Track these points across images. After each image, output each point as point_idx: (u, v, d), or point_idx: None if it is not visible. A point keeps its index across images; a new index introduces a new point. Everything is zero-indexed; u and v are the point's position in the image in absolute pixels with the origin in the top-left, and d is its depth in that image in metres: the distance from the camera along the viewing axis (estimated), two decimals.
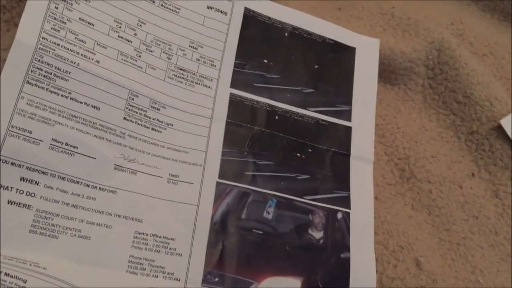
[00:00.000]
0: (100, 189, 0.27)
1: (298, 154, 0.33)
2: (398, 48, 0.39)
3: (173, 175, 0.29)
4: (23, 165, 0.26)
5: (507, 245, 0.34)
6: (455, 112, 0.38)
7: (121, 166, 0.28)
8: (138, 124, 0.30)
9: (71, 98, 0.28)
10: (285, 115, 0.34)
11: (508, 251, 0.34)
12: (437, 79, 0.39)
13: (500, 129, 0.37)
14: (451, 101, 0.38)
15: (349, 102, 0.35)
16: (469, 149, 0.37)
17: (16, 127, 0.26)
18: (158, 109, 0.31)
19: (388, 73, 0.38)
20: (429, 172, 0.35)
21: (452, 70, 0.39)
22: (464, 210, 0.35)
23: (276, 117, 0.33)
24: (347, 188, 0.33)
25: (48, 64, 0.28)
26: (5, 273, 0.23)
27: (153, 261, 0.27)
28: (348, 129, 0.35)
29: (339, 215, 0.32)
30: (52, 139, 0.27)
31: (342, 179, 0.33)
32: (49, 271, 0.24)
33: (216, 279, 0.28)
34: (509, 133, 0.36)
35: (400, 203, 0.34)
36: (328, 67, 0.36)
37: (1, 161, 0.25)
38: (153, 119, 0.30)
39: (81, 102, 0.28)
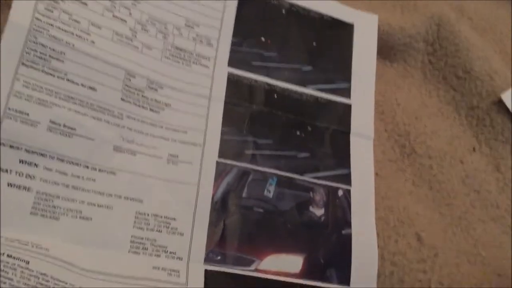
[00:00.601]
0: (99, 170, 0.27)
1: (298, 133, 0.33)
2: (397, 23, 0.38)
3: (173, 155, 0.29)
4: (21, 148, 0.26)
5: (508, 218, 0.34)
6: (455, 88, 0.38)
7: (120, 147, 0.28)
8: (135, 104, 0.29)
9: (67, 80, 0.28)
10: (283, 94, 0.33)
11: (510, 224, 0.34)
12: (437, 55, 0.39)
13: (500, 103, 0.36)
14: (451, 76, 0.38)
15: (348, 79, 0.35)
16: (469, 124, 0.37)
17: (13, 109, 0.26)
18: (156, 90, 0.30)
19: (387, 49, 0.38)
20: (429, 147, 0.35)
21: (452, 46, 0.38)
22: (465, 184, 0.35)
23: (275, 96, 0.33)
24: (347, 165, 0.33)
25: (42, 45, 0.28)
26: (8, 255, 0.23)
27: (155, 240, 0.27)
28: (348, 106, 0.34)
29: (340, 192, 0.32)
30: (50, 121, 0.27)
31: (342, 157, 0.33)
32: (51, 252, 0.24)
33: (218, 257, 0.28)
34: (509, 107, 0.36)
35: (401, 179, 0.34)
36: (326, 44, 0.36)
37: (0, 144, 0.25)
38: (150, 99, 0.30)
39: (78, 84, 0.28)
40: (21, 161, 0.25)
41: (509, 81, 0.37)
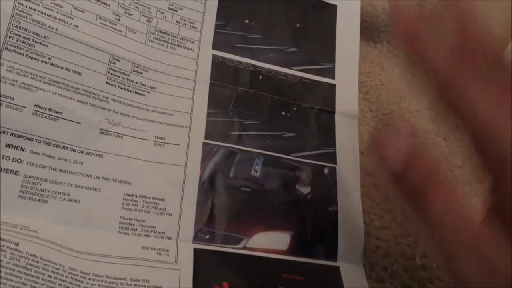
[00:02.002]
0: (86, 153, 0.27)
1: (283, 113, 0.33)
2: (380, 4, 0.39)
3: (159, 138, 0.29)
4: (7, 132, 0.26)
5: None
6: None
7: (106, 130, 0.28)
8: (121, 88, 0.30)
9: (52, 64, 0.28)
10: (268, 75, 0.34)
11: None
12: None
13: None
14: None
15: (332, 60, 0.36)
16: None
17: None
18: (141, 73, 0.30)
19: (371, 31, 0.38)
20: (413, 126, 0.36)
21: None
22: (449, 161, 0.36)
23: (260, 77, 0.33)
24: (333, 144, 0.33)
25: (26, 30, 0.28)
26: None
27: (144, 221, 0.27)
28: (332, 87, 0.35)
29: (326, 171, 0.32)
30: (35, 105, 0.27)
31: (327, 136, 0.33)
32: (40, 234, 0.25)
33: (207, 236, 0.28)
34: None
35: None
36: (309, 25, 0.36)
37: None
38: (136, 82, 0.30)
39: (62, 68, 0.28)
40: (7, 145, 0.26)
41: None
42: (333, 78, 0.35)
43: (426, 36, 0.20)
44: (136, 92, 0.30)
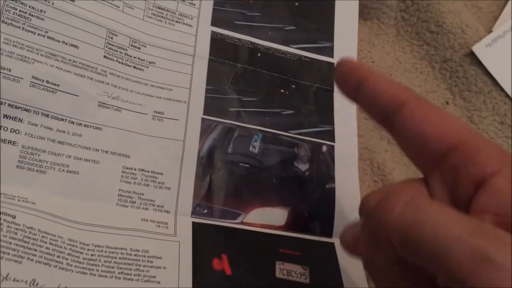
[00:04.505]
0: (85, 125, 0.27)
1: (282, 90, 0.33)
2: None
3: (158, 112, 0.29)
4: (5, 103, 0.26)
5: None
6: (428, 42, 0.38)
7: (105, 103, 0.28)
8: (119, 62, 0.29)
9: (48, 37, 0.28)
10: (267, 53, 0.34)
11: None
12: (409, 11, 0.39)
13: (472, 55, 0.37)
14: (424, 31, 0.38)
15: (331, 39, 0.36)
16: (443, 78, 0.38)
17: None
18: (139, 48, 0.30)
19: (361, 8, 0.38)
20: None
21: (423, 0, 0.39)
22: None
23: (259, 54, 0.33)
24: (331, 122, 0.33)
25: (22, 3, 0.27)
26: None
27: (143, 194, 0.27)
28: (331, 65, 0.35)
29: (324, 148, 0.32)
30: (32, 76, 0.27)
31: (326, 114, 0.33)
32: (38, 206, 0.24)
33: (205, 211, 0.28)
34: (481, 59, 0.37)
35: (377, 137, 0.35)
36: (309, 4, 0.36)
37: None
38: (134, 57, 0.30)
39: (59, 41, 0.28)
40: (5, 116, 0.25)
41: (480, 34, 0.38)
42: (332, 56, 0.35)
43: None
44: (134, 67, 0.30)
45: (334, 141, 0.33)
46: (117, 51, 0.30)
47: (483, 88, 0.37)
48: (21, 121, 0.26)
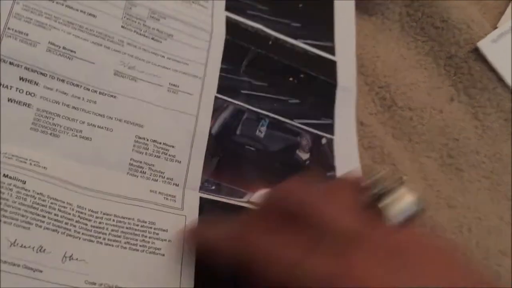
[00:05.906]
0: (100, 93, 0.27)
1: (291, 79, 0.33)
2: None
3: (173, 85, 0.29)
4: (21, 65, 0.26)
5: (488, 163, 0.35)
6: (433, 38, 0.38)
7: (121, 72, 0.28)
8: (137, 33, 0.29)
9: (66, 6, 0.28)
10: (277, 42, 0.34)
11: (490, 168, 0.35)
12: (414, 6, 0.38)
13: (477, 51, 0.37)
14: (429, 27, 0.38)
15: (332, 39, 0.36)
16: (448, 74, 0.38)
17: (13, 29, 0.26)
18: (158, 19, 0.30)
19: (365, 3, 0.38)
20: (409, 99, 0.36)
21: None
22: (445, 134, 0.36)
23: (270, 42, 0.34)
24: (332, 116, 0.34)
25: None
26: (4, 174, 0.23)
27: (153, 165, 0.27)
28: (333, 62, 0.35)
29: (324, 141, 0.33)
30: (49, 42, 0.27)
31: (328, 107, 0.34)
32: (49, 171, 0.24)
33: (213, 187, 0.28)
34: (486, 55, 0.36)
35: (381, 131, 0.35)
36: (310, 7, 0.36)
37: (0, 60, 0.25)
38: (152, 28, 0.30)
39: (77, 10, 0.28)
40: (21, 78, 0.25)
41: (485, 29, 0.37)
42: (334, 55, 0.35)
43: None
44: (152, 38, 0.30)
45: (333, 135, 0.33)
46: (135, 21, 0.29)
47: (488, 84, 0.36)
48: (37, 84, 0.26)
